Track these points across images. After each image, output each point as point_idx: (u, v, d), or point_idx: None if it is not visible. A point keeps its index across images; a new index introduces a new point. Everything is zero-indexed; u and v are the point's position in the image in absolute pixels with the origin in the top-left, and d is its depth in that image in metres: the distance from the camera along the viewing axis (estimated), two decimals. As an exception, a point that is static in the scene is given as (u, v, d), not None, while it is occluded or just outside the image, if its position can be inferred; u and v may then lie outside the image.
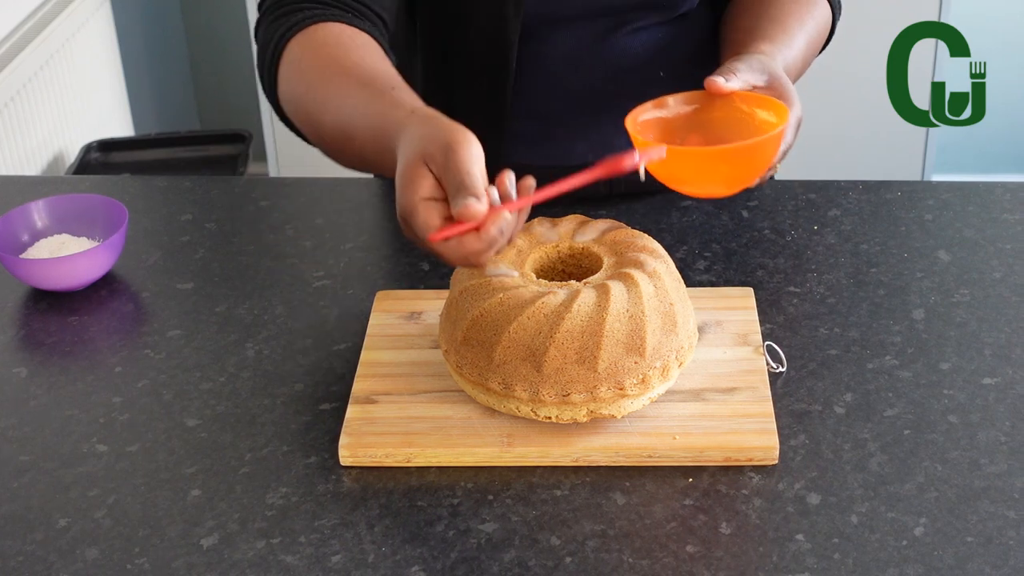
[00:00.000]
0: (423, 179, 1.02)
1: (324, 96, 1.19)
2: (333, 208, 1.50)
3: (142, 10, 3.32)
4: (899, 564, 0.99)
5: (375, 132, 1.12)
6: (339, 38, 1.23)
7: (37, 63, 2.61)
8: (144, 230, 1.48)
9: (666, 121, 1.23)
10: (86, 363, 1.25)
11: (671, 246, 1.35)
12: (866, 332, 1.25)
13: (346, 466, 1.10)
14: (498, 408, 1.11)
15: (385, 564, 1.00)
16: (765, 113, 1.21)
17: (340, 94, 1.17)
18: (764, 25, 1.36)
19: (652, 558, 1.00)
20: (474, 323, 1.10)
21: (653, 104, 1.23)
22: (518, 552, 1.01)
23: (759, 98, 1.21)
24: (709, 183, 1.21)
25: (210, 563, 1.01)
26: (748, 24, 1.39)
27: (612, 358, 1.08)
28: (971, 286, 1.31)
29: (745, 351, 1.19)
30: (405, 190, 1.03)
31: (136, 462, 1.12)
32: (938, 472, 1.07)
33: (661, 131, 1.22)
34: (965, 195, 1.49)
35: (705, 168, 1.17)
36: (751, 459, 1.08)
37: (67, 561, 1.01)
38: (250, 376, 1.22)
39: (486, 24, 1.38)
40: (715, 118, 1.23)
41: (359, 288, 1.34)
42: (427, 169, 1.02)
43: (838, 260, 1.37)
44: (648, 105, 1.22)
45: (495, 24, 1.37)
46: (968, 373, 1.19)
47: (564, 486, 1.07)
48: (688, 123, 1.23)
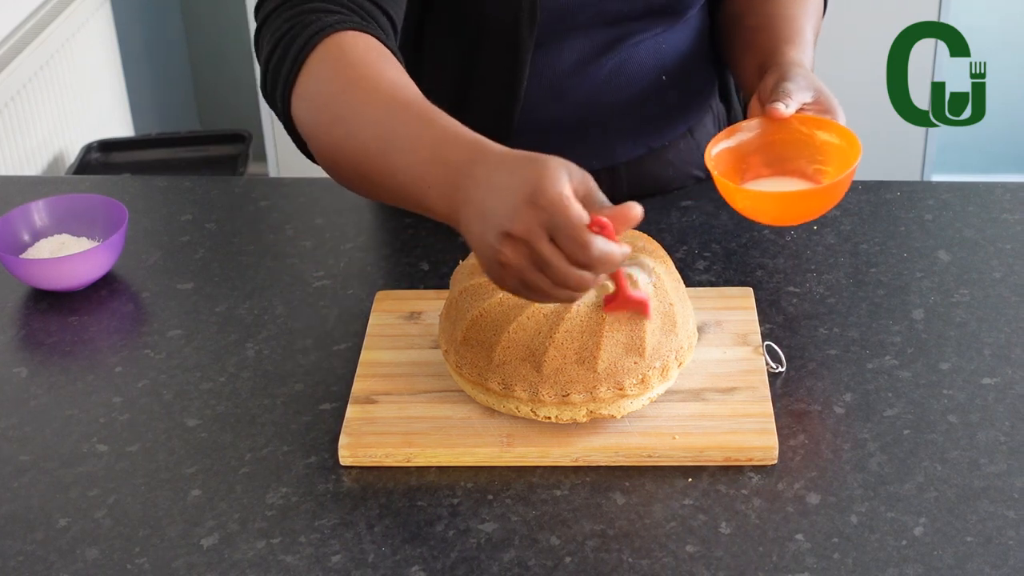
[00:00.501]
0: (568, 181, 0.96)
1: (361, 104, 1.10)
2: (333, 208, 1.50)
3: (142, 10, 3.32)
4: (899, 564, 0.99)
5: (431, 156, 1.04)
6: (364, 54, 1.14)
7: (37, 63, 2.61)
8: (144, 230, 1.48)
9: (734, 151, 1.25)
10: (86, 363, 1.25)
11: (671, 246, 1.35)
12: (866, 332, 1.25)
13: (346, 466, 1.10)
14: (498, 408, 1.11)
15: (385, 564, 1.00)
16: (825, 135, 1.24)
17: (381, 108, 1.09)
18: (779, 25, 1.36)
19: (652, 558, 1.00)
20: (474, 323, 1.10)
21: (724, 134, 1.25)
22: (518, 552, 1.01)
23: (814, 120, 1.25)
24: (788, 218, 1.27)
25: (210, 563, 1.01)
26: (758, 23, 1.39)
27: (612, 358, 1.08)
28: (971, 286, 1.31)
29: (745, 351, 1.19)
30: (556, 177, 0.95)
31: (136, 462, 1.12)
32: (938, 472, 1.07)
33: (732, 160, 1.25)
34: (965, 195, 1.49)
35: (788, 206, 1.22)
36: (751, 459, 1.08)
37: (67, 561, 1.01)
38: (250, 376, 1.22)
39: (500, 31, 1.36)
40: (778, 140, 1.26)
41: (359, 288, 1.34)
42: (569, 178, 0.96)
43: (838, 260, 1.37)
44: (720, 136, 1.25)
45: (510, 32, 1.35)
46: (968, 373, 1.19)
47: (564, 486, 1.07)
48: (755, 149, 1.26)
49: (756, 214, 1.23)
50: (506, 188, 0.97)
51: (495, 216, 0.96)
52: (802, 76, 1.26)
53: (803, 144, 1.25)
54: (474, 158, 1.01)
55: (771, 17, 1.39)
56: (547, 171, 0.95)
